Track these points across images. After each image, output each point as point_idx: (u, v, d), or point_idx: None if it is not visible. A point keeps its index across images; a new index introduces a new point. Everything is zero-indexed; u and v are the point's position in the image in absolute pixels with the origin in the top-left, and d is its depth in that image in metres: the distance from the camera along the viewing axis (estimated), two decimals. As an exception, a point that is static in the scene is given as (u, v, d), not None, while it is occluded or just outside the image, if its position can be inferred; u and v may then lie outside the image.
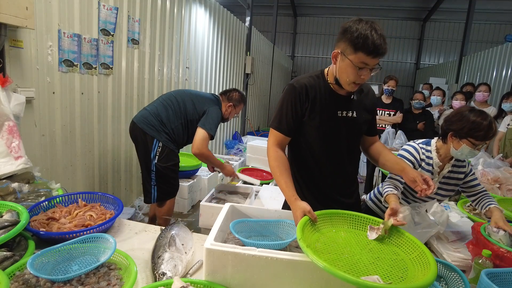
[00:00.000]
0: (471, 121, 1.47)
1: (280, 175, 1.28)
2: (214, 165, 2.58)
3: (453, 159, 1.65)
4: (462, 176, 1.68)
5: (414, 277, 0.93)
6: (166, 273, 1.04)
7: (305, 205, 1.14)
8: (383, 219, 1.20)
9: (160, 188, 2.46)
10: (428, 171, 1.63)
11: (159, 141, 2.38)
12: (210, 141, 2.47)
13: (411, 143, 1.73)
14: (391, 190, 1.50)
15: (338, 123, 1.38)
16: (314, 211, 1.14)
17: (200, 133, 2.37)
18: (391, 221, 1.13)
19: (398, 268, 0.98)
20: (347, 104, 1.40)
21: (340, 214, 1.22)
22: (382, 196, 1.54)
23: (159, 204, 2.53)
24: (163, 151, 2.40)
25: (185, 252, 1.19)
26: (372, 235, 1.13)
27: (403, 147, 1.74)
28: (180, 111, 2.47)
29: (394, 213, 1.22)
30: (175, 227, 1.32)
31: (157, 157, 2.39)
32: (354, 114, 1.40)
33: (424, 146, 1.67)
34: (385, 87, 4.32)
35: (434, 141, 1.68)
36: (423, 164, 1.64)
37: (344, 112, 1.39)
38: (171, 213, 2.64)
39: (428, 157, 1.64)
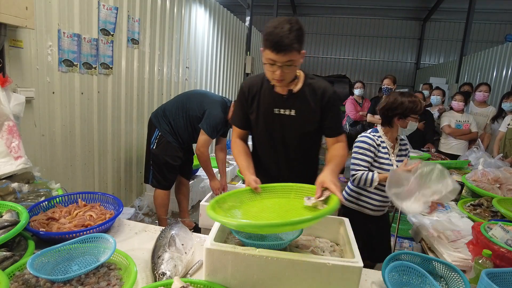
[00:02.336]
0: (409, 102, 1.83)
1: (238, 157, 1.49)
2: (207, 172, 2.67)
3: (399, 140, 1.96)
4: (406, 152, 1.99)
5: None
6: (166, 273, 1.04)
7: (251, 179, 1.29)
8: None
9: (154, 174, 2.73)
10: (385, 153, 1.88)
11: (159, 130, 2.66)
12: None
13: (363, 134, 1.93)
14: (372, 173, 1.79)
15: (273, 120, 1.46)
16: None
17: (202, 135, 2.52)
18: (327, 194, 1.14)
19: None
20: (285, 102, 1.43)
21: (284, 186, 1.30)
22: (372, 183, 1.78)
23: (155, 191, 2.80)
24: (160, 140, 2.67)
25: (185, 252, 1.19)
26: (309, 202, 1.13)
27: (358, 140, 1.91)
28: (183, 105, 2.63)
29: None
30: (175, 227, 1.32)
31: (155, 144, 2.68)
32: (293, 113, 1.43)
33: (375, 133, 1.91)
34: (382, 86, 4.33)
35: (379, 128, 1.94)
36: (380, 148, 1.88)
37: (282, 110, 1.44)
38: (163, 205, 2.74)
39: (382, 141, 1.90)
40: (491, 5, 9.70)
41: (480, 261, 1.21)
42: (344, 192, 2.03)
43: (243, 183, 3.11)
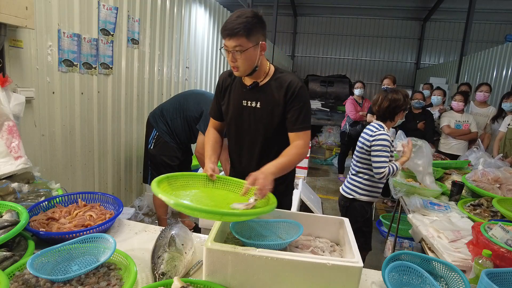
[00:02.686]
0: (405, 97, 2.16)
1: (206, 145, 1.56)
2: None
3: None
4: None
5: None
6: (166, 273, 1.04)
7: (208, 167, 1.37)
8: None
9: (152, 174, 2.73)
10: (391, 146, 2.14)
11: (156, 130, 2.67)
12: None
13: (380, 133, 2.11)
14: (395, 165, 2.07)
15: (241, 112, 1.49)
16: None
17: (201, 136, 2.54)
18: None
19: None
20: (252, 94, 1.45)
21: (238, 182, 1.35)
22: (397, 172, 2.06)
23: None
24: (158, 140, 2.68)
25: (185, 252, 1.19)
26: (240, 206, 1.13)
27: (379, 139, 2.09)
28: (181, 105, 2.62)
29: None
30: (175, 227, 1.32)
31: (152, 144, 2.70)
32: (258, 105, 1.44)
33: (385, 130, 2.15)
34: (382, 86, 4.33)
35: (382, 124, 2.18)
36: (392, 143, 2.15)
37: (248, 102, 1.46)
38: (163, 205, 2.75)
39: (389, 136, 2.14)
40: (491, 5, 9.71)
41: (480, 261, 1.21)
42: (358, 189, 2.26)
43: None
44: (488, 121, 4.04)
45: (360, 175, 2.25)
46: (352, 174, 2.32)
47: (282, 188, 1.56)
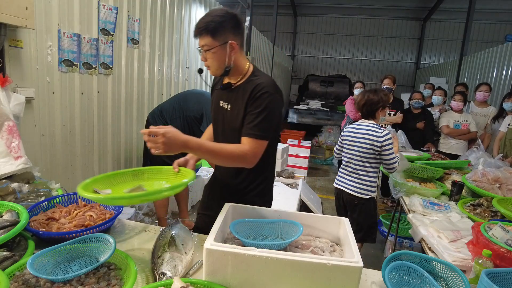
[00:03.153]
0: (384, 96, 2.41)
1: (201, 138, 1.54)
2: None
3: None
4: None
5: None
6: (166, 273, 1.04)
7: (182, 159, 1.44)
8: None
9: None
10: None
11: None
12: None
13: (386, 132, 2.32)
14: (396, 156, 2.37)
15: (217, 113, 1.47)
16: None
17: None
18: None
19: None
20: (226, 95, 1.43)
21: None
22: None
23: None
24: None
25: (185, 252, 1.19)
26: None
27: (387, 138, 2.30)
28: (180, 105, 2.60)
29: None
30: (175, 227, 1.32)
31: None
32: (229, 107, 1.40)
33: (382, 127, 2.40)
34: (382, 86, 4.33)
35: (371, 122, 2.41)
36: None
37: (224, 103, 1.43)
38: (163, 205, 2.74)
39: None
40: (491, 5, 9.71)
41: (480, 261, 1.21)
42: (372, 188, 2.47)
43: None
44: (489, 121, 4.04)
45: (370, 174, 2.43)
46: (361, 175, 2.44)
47: (253, 199, 1.45)
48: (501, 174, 2.25)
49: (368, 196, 2.45)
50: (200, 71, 1.55)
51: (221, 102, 1.44)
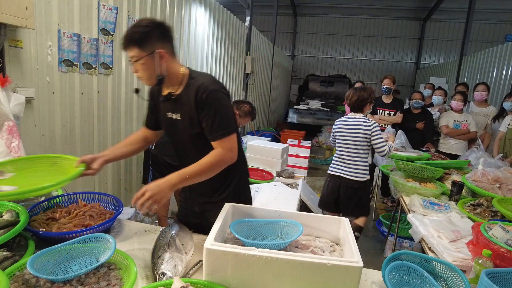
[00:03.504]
0: (371, 93, 2.79)
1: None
2: None
3: None
4: None
5: None
6: (166, 273, 1.04)
7: (88, 156, 1.43)
8: None
9: (154, 175, 2.74)
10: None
11: None
12: None
13: (373, 122, 2.71)
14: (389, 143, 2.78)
15: (168, 124, 1.43)
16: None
17: None
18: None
19: None
20: (172, 105, 1.38)
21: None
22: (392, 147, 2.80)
23: None
24: (159, 140, 2.70)
25: (185, 252, 1.19)
26: None
27: (376, 126, 2.69)
28: None
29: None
30: (175, 227, 1.32)
31: (153, 144, 2.69)
32: (179, 116, 1.37)
33: (370, 119, 2.76)
34: (382, 86, 4.33)
35: (360, 115, 2.76)
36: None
37: (172, 114, 1.39)
38: (163, 205, 2.76)
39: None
40: (491, 5, 9.72)
41: (480, 261, 1.21)
42: (361, 172, 2.77)
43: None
44: (489, 121, 4.04)
45: (364, 160, 2.77)
46: (357, 161, 2.76)
47: (225, 197, 1.47)
48: (501, 174, 2.25)
49: (365, 179, 2.79)
50: (137, 91, 1.52)
51: (168, 113, 1.40)
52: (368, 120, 2.73)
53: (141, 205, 1.17)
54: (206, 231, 1.37)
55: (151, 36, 1.24)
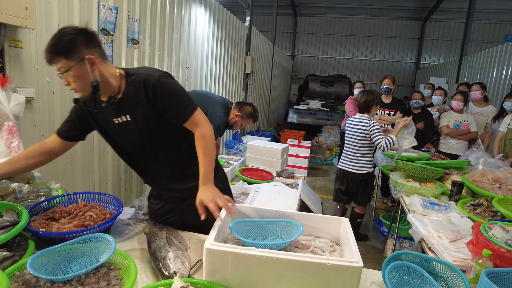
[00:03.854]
0: (378, 95, 3.16)
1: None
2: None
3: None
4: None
5: None
6: (177, 271, 1.05)
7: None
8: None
9: None
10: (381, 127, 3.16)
11: None
12: None
13: (374, 121, 3.05)
14: (391, 137, 2.94)
15: (118, 130, 1.37)
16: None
17: None
18: None
19: None
20: (116, 109, 1.32)
21: None
22: (394, 142, 2.93)
23: None
24: None
25: (185, 249, 1.20)
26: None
27: (375, 124, 3.02)
28: None
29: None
30: (162, 228, 1.33)
31: None
32: (128, 117, 1.32)
33: (371, 119, 3.09)
34: (381, 86, 4.33)
35: (366, 115, 3.11)
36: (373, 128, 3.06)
37: (119, 118, 1.33)
38: None
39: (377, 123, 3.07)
40: (491, 5, 9.72)
41: (480, 261, 1.21)
42: (364, 166, 3.17)
43: (245, 182, 3.14)
44: (489, 121, 4.04)
45: (367, 155, 3.16)
46: (359, 157, 3.16)
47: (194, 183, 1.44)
48: (501, 174, 2.25)
49: (366, 171, 3.18)
50: (76, 101, 1.38)
51: (115, 119, 1.34)
52: (369, 119, 3.04)
53: (218, 209, 1.21)
54: (187, 226, 1.48)
55: (77, 44, 1.16)
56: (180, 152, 1.46)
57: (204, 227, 1.42)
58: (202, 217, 1.21)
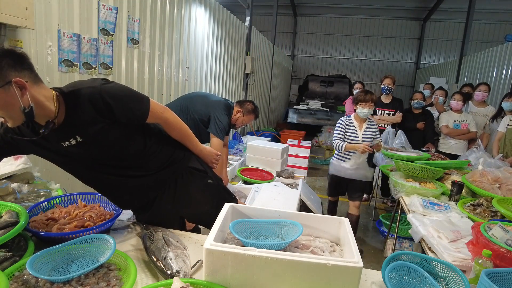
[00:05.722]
0: (360, 93, 3.05)
1: None
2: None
3: (367, 121, 3.10)
4: (374, 131, 3.09)
5: None
6: (180, 270, 1.05)
7: None
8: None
9: None
10: (353, 129, 3.06)
11: None
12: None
13: (339, 120, 3.14)
14: (343, 143, 3.01)
15: (68, 155, 1.26)
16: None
17: (214, 138, 2.54)
18: None
19: None
20: (62, 133, 1.19)
21: None
22: (341, 149, 2.99)
23: None
24: None
25: (184, 248, 1.20)
26: None
27: (337, 128, 3.11)
28: (187, 108, 2.63)
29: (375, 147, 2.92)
30: (158, 229, 1.33)
31: None
32: (79, 139, 1.20)
33: (347, 118, 3.12)
34: (381, 86, 4.33)
35: (353, 114, 3.11)
36: (348, 127, 3.07)
37: (67, 142, 1.20)
38: None
39: (350, 122, 3.09)
40: (491, 5, 9.72)
41: (480, 261, 1.21)
42: (331, 160, 3.27)
43: (244, 183, 3.13)
44: (487, 121, 4.04)
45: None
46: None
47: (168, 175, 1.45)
48: (501, 174, 2.25)
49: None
50: (6, 130, 1.21)
51: (63, 143, 1.20)
52: (341, 118, 3.17)
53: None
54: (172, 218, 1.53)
55: (1, 67, 1.02)
56: (146, 167, 1.39)
57: (201, 213, 1.58)
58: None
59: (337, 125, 3.05)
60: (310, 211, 3.24)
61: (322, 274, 0.94)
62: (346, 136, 3.03)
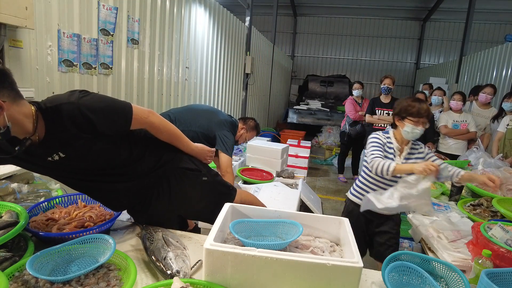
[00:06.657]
0: (405, 104, 1.90)
1: None
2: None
3: (410, 143, 1.99)
4: (422, 156, 1.99)
5: None
6: (180, 270, 1.05)
7: None
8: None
9: None
10: (391, 153, 1.93)
11: None
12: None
13: (374, 134, 1.99)
14: (390, 162, 1.76)
15: (55, 168, 1.24)
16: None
17: (224, 157, 2.47)
18: None
19: None
20: (45, 150, 1.16)
21: None
22: (388, 171, 1.72)
23: None
24: None
25: (184, 248, 1.20)
26: None
27: (370, 137, 1.97)
28: (194, 121, 2.53)
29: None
30: (158, 229, 1.33)
31: None
32: (62, 154, 1.17)
33: (385, 134, 2.01)
34: (381, 85, 4.33)
35: (391, 131, 2.02)
36: (385, 147, 1.93)
37: (51, 157, 1.18)
38: None
39: (389, 142, 1.96)
40: (491, 5, 9.71)
41: (480, 261, 1.21)
42: (352, 189, 2.15)
43: (244, 183, 3.14)
44: (488, 121, 4.04)
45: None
46: None
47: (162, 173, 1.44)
48: (501, 174, 2.25)
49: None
50: None
51: (49, 158, 1.18)
52: (377, 133, 2.06)
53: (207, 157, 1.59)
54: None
55: None
56: (134, 159, 1.37)
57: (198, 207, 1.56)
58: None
59: (373, 139, 1.94)
60: (310, 211, 3.24)
61: (322, 274, 0.94)
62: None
